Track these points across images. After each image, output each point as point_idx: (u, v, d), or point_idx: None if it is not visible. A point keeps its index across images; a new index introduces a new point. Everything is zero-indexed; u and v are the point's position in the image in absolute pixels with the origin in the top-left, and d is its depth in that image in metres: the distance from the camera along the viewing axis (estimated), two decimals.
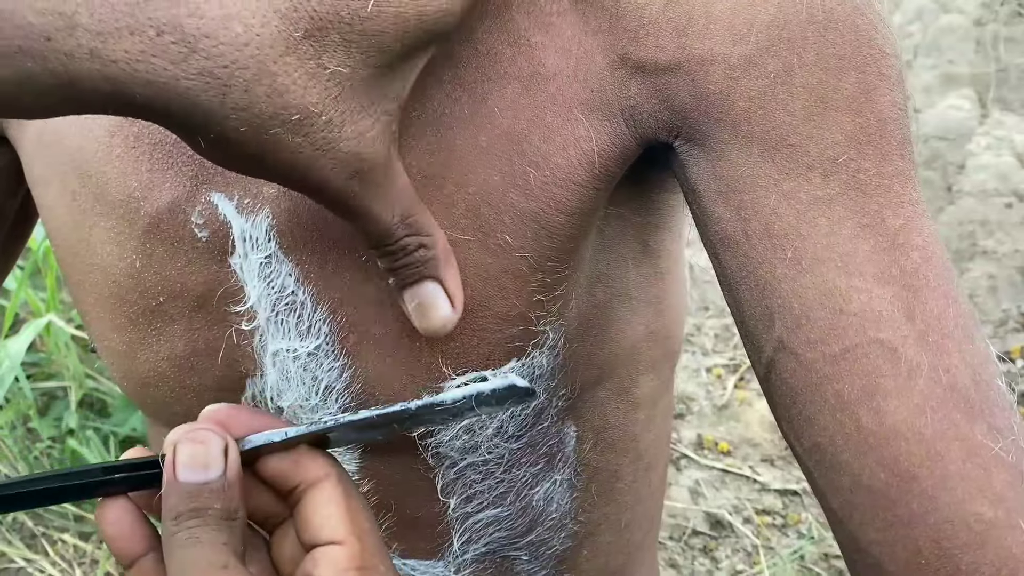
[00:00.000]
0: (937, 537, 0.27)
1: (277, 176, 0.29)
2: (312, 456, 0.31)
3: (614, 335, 0.40)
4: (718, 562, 1.52)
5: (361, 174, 0.29)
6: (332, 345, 0.37)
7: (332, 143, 0.27)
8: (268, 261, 0.36)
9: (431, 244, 0.32)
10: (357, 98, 0.28)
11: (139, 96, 0.25)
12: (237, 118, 0.26)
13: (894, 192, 0.30)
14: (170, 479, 0.29)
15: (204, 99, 0.25)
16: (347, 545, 0.30)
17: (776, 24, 0.30)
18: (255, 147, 0.27)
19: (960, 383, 0.28)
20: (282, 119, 0.26)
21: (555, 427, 0.40)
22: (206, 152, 0.28)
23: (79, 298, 0.43)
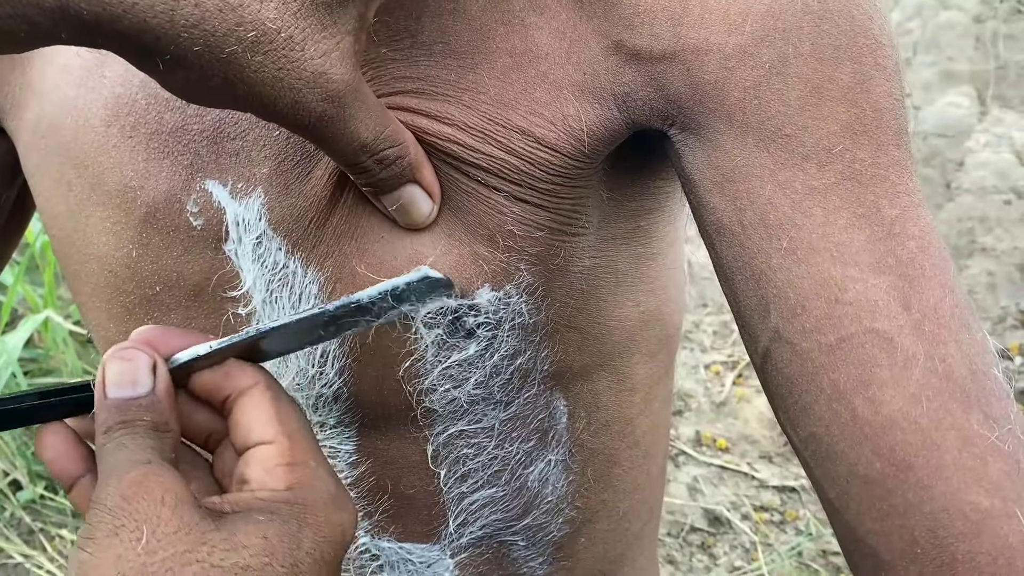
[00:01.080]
0: (933, 526, 0.27)
1: (247, 103, 0.28)
2: (241, 367, 0.32)
3: (605, 313, 0.40)
4: (716, 558, 1.52)
5: (333, 96, 0.29)
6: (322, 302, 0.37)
7: (296, 63, 0.27)
8: (259, 241, 0.37)
9: (406, 151, 0.32)
10: (318, 15, 0.27)
11: (86, 12, 0.24)
12: (189, 36, 0.25)
13: (890, 182, 0.30)
14: (100, 397, 0.30)
15: (152, 15, 0.25)
16: (276, 443, 0.30)
17: (771, 14, 0.30)
18: (214, 69, 0.26)
19: (956, 372, 0.28)
20: (238, 36, 0.26)
21: (543, 397, 0.40)
22: (169, 81, 0.28)
23: (76, 288, 0.43)
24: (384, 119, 0.31)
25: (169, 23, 0.25)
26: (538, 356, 0.39)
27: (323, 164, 0.35)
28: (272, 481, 0.29)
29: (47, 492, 1.52)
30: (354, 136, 0.30)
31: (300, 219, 0.36)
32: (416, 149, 0.33)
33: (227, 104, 0.29)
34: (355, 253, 0.36)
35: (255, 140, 0.36)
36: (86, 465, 0.31)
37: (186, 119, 0.36)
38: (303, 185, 0.36)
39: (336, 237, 0.36)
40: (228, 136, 0.36)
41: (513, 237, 0.35)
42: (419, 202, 0.34)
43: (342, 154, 0.31)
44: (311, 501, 0.29)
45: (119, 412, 0.29)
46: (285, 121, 0.29)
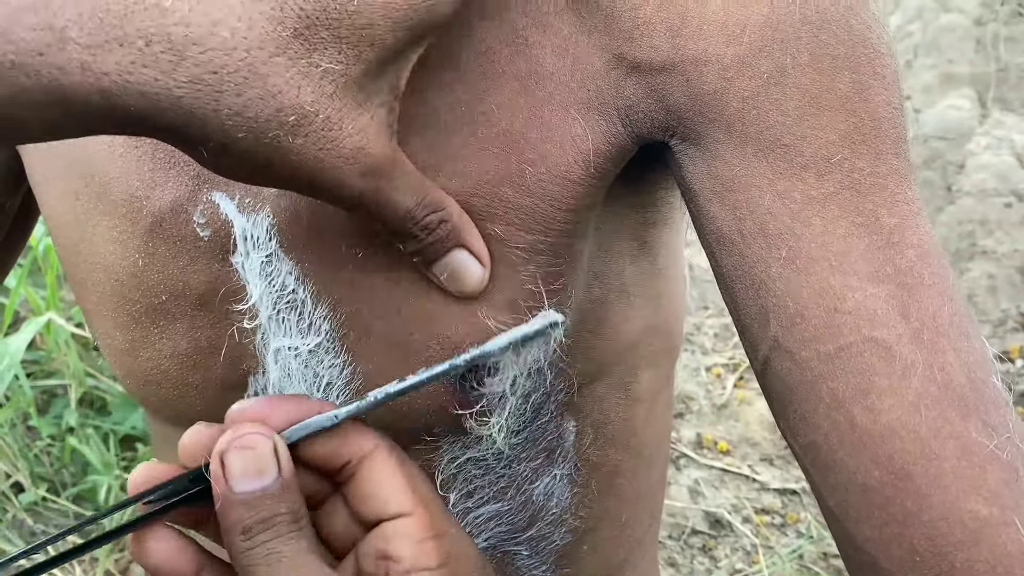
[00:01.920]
0: (932, 535, 0.27)
1: (291, 183, 0.29)
2: (358, 431, 0.30)
3: (612, 330, 0.40)
4: (717, 561, 1.52)
5: (372, 170, 0.29)
6: (332, 343, 0.37)
7: (334, 141, 0.28)
8: (269, 260, 0.36)
9: (449, 215, 0.32)
10: (353, 94, 0.28)
11: (133, 108, 0.25)
12: (233, 124, 0.26)
13: (889, 191, 0.30)
14: (225, 493, 0.28)
15: (198, 106, 0.25)
16: (416, 515, 0.29)
17: (769, 24, 0.30)
18: (258, 153, 0.27)
19: (955, 381, 0.28)
20: (279, 121, 0.26)
21: (554, 422, 0.40)
22: (213, 164, 0.28)
23: (81, 296, 0.43)
24: (424, 186, 0.32)
25: (214, 113, 0.26)
26: (554, 389, 0.39)
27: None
28: (425, 558, 0.28)
29: (49, 494, 1.53)
30: (397, 206, 0.31)
31: (313, 253, 0.36)
32: (460, 214, 0.33)
33: (267, 182, 0.29)
34: (372, 315, 0.36)
35: None
36: (198, 563, 0.29)
37: None
38: (316, 219, 0.36)
39: (352, 289, 0.36)
40: None
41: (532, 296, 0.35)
42: (469, 267, 0.33)
43: (385, 223, 0.31)
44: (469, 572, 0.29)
45: (252, 508, 0.27)
46: (327, 197, 0.30)
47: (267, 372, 0.39)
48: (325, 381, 0.38)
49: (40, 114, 0.25)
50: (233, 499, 0.28)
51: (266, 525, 0.27)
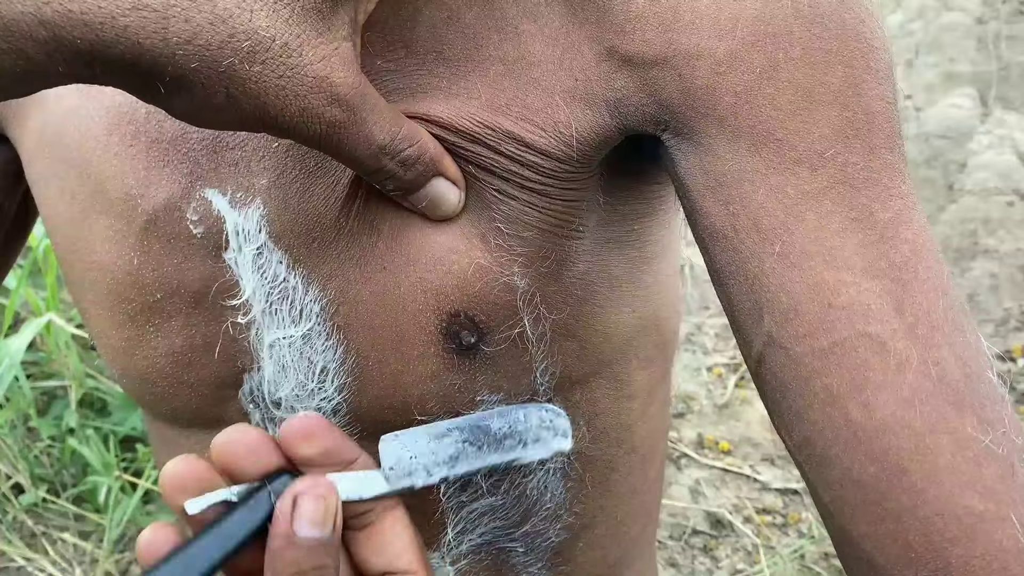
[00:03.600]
0: (927, 531, 0.27)
1: (257, 120, 0.28)
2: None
3: (603, 324, 0.40)
4: (718, 561, 1.52)
5: (340, 99, 0.28)
6: (323, 324, 0.37)
7: (295, 68, 0.27)
8: (260, 252, 0.37)
9: (425, 147, 0.32)
10: (310, 21, 0.27)
11: (80, 42, 0.24)
12: (184, 52, 0.25)
13: (883, 185, 0.30)
14: (287, 533, 0.29)
15: (144, 35, 0.25)
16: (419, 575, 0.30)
17: (761, 19, 0.30)
18: (216, 86, 0.26)
19: (950, 376, 0.28)
20: (232, 47, 0.26)
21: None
22: (174, 105, 0.28)
23: (78, 296, 0.43)
24: (397, 119, 0.31)
25: (163, 42, 0.25)
26: (538, 369, 0.39)
27: (323, 183, 0.35)
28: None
29: (49, 495, 1.53)
30: (369, 140, 0.30)
31: (302, 236, 0.36)
32: (434, 143, 0.33)
33: (236, 124, 0.29)
34: (360, 280, 0.36)
35: (254, 151, 0.36)
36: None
37: (186, 128, 0.36)
38: (304, 203, 0.36)
39: (340, 261, 0.36)
40: (227, 146, 0.36)
41: (502, 235, 0.35)
42: (447, 193, 0.34)
43: (360, 160, 0.31)
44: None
45: (311, 556, 0.29)
46: (297, 134, 0.29)
47: (262, 368, 0.39)
48: (319, 367, 0.38)
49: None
50: (298, 542, 0.29)
51: (319, 573, 0.29)
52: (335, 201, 0.35)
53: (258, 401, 0.40)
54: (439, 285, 0.35)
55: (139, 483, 1.46)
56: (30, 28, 0.24)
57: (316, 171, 0.35)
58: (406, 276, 0.35)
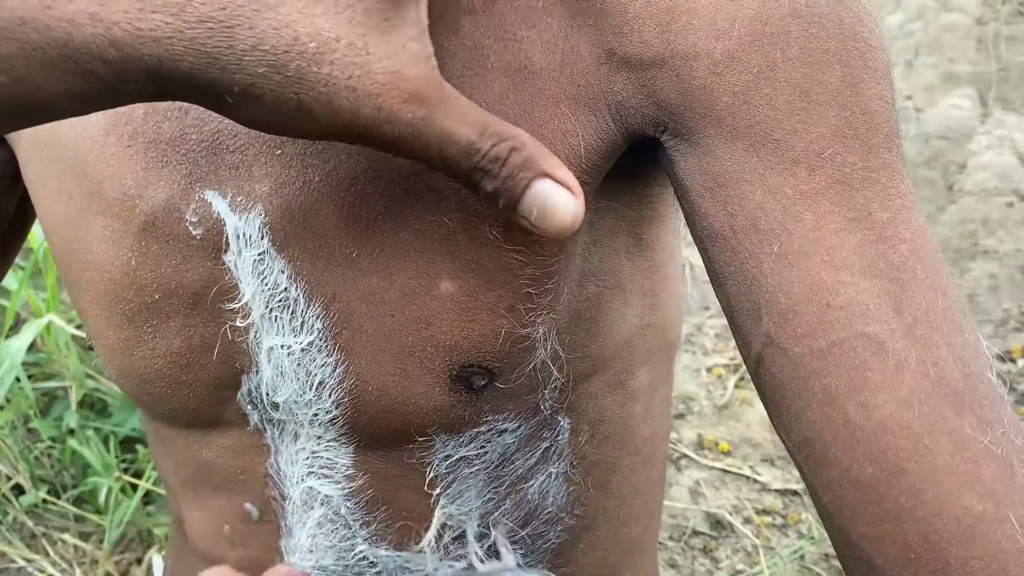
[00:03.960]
0: (926, 531, 0.27)
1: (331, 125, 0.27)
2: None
3: (607, 328, 0.40)
4: (718, 562, 1.52)
5: (415, 95, 0.27)
6: (325, 341, 0.37)
7: (364, 67, 0.26)
8: (261, 258, 0.36)
9: (520, 143, 0.28)
10: (375, 21, 0.26)
11: (148, 59, 0.25)
12: (252, 59, 0.25)
13: (881, 185, 0.30)
14: None
15: (212, 45, 0.25)
16: None
17: (758, 19, 0.30)
18: (285, 91, 0.26)
19: (949, 376, 0.28)
20: (298, 50, 0.25)
21: (548, 420, 0.40)
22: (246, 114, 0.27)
23: (76, 296, 0.43)
24: (484, 117, 0.28)
25: (229, 50, 0.25)
26: (547, 387, 0.39)
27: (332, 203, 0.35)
28: None
29: (49, 496, 1.53)
30: (453, 138, 0.27)
31: (307, 251, 0.36)
32: (533, 141, 0.29)
33: (312, 133, 0.28)
34: (365, 315, 0.36)
35: (255, 156, 0.36)
36: None
37: (184, 129, 0.36)
38: (310, 219, 0.35)
39: (345, 289, 0.36)
40: (227, 149, 0.36)
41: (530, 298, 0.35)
42: (558, 197, 0.28)
43: (450, 161, 0.28)
44: None
45: None
46: (376, 139, 0.27)
47: (260, 371, 0.39)
48: (318, 380, 0.38)
49: (58, 76, 0.25)
50: None
51: None
52: (344, 228, 0.35)
53: (256, 403, 0.40)
54: (453, 343, 0.35)
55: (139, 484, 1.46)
56: (100, 50, 0.24)
57: (321, 186, 0.35)
58: (416, 330, 0.35)
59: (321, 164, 0.35)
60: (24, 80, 0.24)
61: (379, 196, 0.34)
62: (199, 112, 0.36)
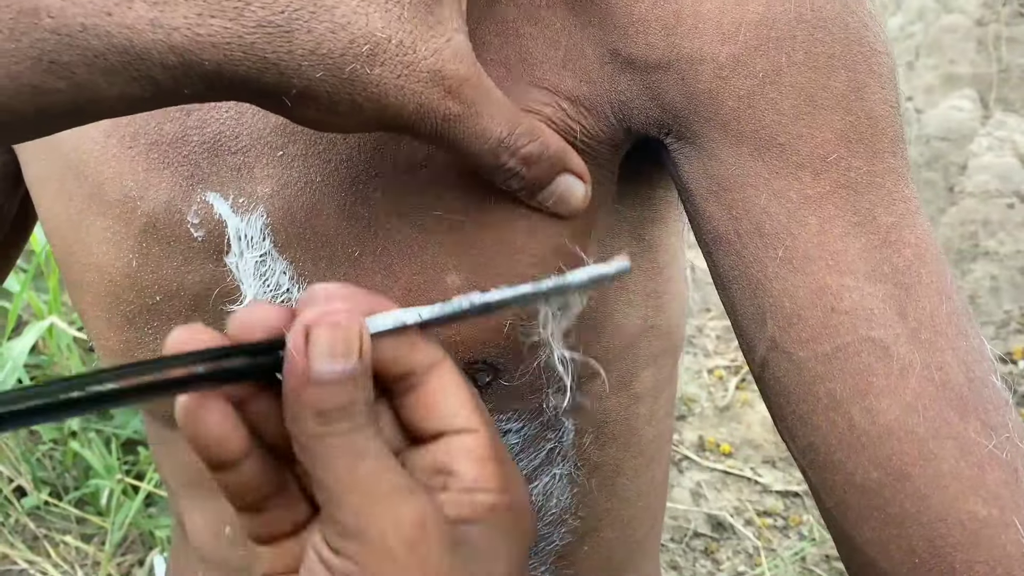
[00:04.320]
0: (931, 536, 0.27)
1: (378, 121, 0.28)
2: (425, 339, 0.27)
3: (612, 329, 0.40)
4: (719, 564, 1.52)
5: (454, 92, 0.28)
6: None
7: (411, 66, 0.27)
8: (263, 260, 0.36)
9: (547, 144, 0.31)
10: (422, 17, 0.27)
11: (208, 63, 0.25)
12: (309, 63, 0.26)
13: (886, 190, 0.30)
14: (302, 369, 0.24)
15: (271, 50, 0.25)
16: (481, 434, 0.26)
17: (764, 23, 0.30)
18: (340, 93, 0.26)
19: (953, 380, 0.28)
20: (354, 53, 0.26)
21: (553, 421, 0.40)
22: (300, 116, 0.28)
23: (77, 298, 0.43)
24: (516, 114, 0.30)
25: (288, 55, 0.25)
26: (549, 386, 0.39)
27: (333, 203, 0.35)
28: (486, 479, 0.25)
29: (51, 498, 1.53)
30: (487, 133, 0.29)
31: (309, 252, 0.36)
32: (556, 139, 0.32)
33: (358, 127, 0.29)
34: None
35: (256, 158, 0.36)
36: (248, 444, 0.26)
37: (186, 130, 0.36)
38: (312, 219, 0.35)
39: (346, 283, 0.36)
40: (229, 150, 0.36)
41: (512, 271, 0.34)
42: (573, 188, 0.33)
43: (479, 156, 0.30)
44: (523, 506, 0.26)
45: (333, 391, 0.24)
46: (415, 130, 0.29)
47: None
48: None
49: (118, 82, 0.25)
50: (311, 378, 0.24)
51: (345, 413, 0.24)
52: (346, 227, 0.35)
53: None
54: (459, 339, 0.35)
55: (141, 486, 1.46)
56: (161, 56, 0.25)
57: (322, 186, 0.35)
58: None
59: (322, 165, 0.35)
60: (84, 86, 0.25)
61: (380, 195, 0.34)
62: (201, 114, 0.36)
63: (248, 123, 0.36)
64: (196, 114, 0.36)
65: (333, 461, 0.24)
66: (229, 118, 0.36)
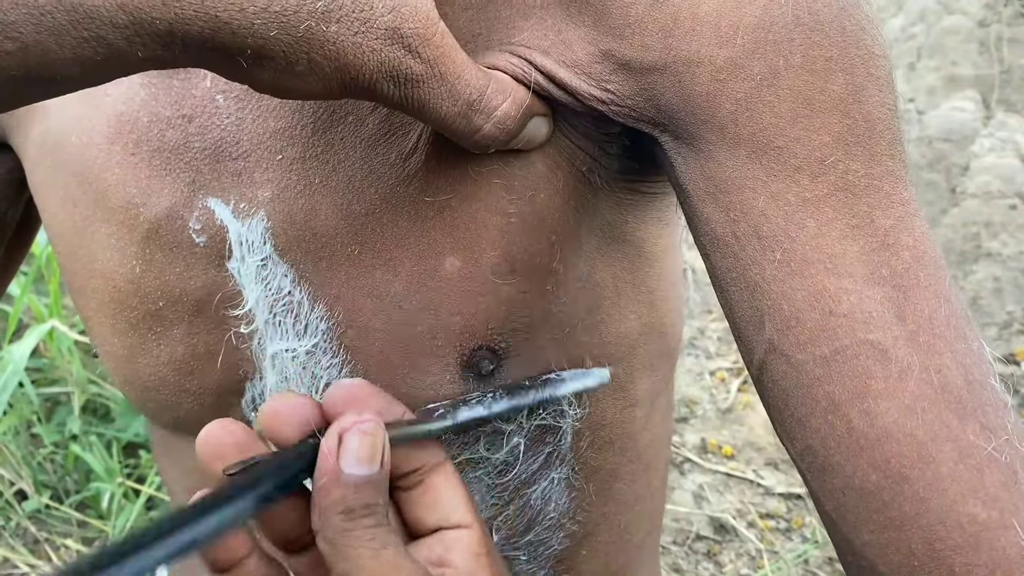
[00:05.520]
0: (930, 539, 0.27)
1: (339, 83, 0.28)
2: (430, 442, 0.31)
3: (606, 331, 0.40)
4: (722, 566, 1.51)
5: (414, 51, 0.28)
6: (330, 342, 0.37)
7: (369, 22, 0.27)
8: (265, 264, 0.37)
9: (519, 96, 0.32)
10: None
11: (159, 21, 0.25)
12: (263, 22, 0.25)
13: (884, 192, 0.30)
14: (334, 470, 0.28)
15: (222, 8, 0.25)
16: (474, 530, 0.30)
17: (762, 26, 0.30)
18: (296, 52, 0.26)
19: (952, 383, 0.28)
20: (308, 10, 0.26)
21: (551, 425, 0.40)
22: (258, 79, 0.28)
23: (81, 304, 0.43)
24: (483, 73, 0.30)
25: (240, 12, 0.25)
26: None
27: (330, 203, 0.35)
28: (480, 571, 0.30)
29: (52, 502, 1.53)
30: (455, 95, 0.29)
31: (309, 253, 0.36)
32: (522, 90, 0.32)
33: (322, 92, 0.29)
34: (371, 311, 0.36)
35: (256, 162, 0.36)
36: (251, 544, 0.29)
37: (188, 137, 0.37)
38: (311, 220, 0.36)
39: (350, 287, 0.36)
40: (229, 156, 0.36)
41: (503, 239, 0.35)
42: (540, 127, 0.34)
43: (449, 120, 0.30)
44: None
45: (358, 494, 0.28)
46: (379, 94, 0.29)
47: (264, 377, 0.39)
48: (323, 382, 0.38)
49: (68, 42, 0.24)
50: (344, 480, 0.28)
51: (368, 511, 0.28)
52: (344, 226, 0.35)
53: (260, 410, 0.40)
54: (462, 325, 0.35)
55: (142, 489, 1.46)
56: (110, 14, 0.24)
57: (321, 188, 0.35)
58: (425, 319, 0.35)
59: (320, 166, 0.35)
60: (32, 47, 0.24)
61: (374, 190, 0.35)
62: (202, 120, 0.36)
63: (248, 128, 0.36)
64: (198, 120, 0.36)
65: (358, 552, 0.27)
66: (230, 124, 0.36)
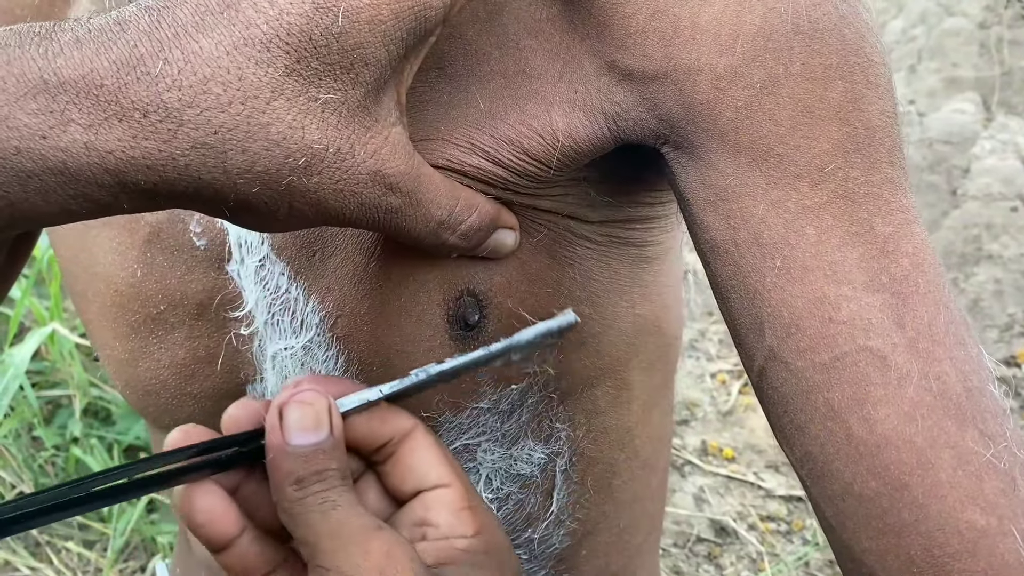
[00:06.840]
0: (928, 545, 0.27)
1: (320, 221, 0.29)
2: (395, 411, 0.32)
3: (604, 330, 0.40)
4: (723, 569, 1.51)
5: (394, 187, 0.29)
6: (323, 335, 0.37)
7: (349, 171, 0.27)
8: (262, 264, 0.37)
9: (485, 214, 0.33)
10: (360, 119, 0.27)
11: (144, 183, 0.25)
12: (245, 181, 0.26)
13: (883, 199, 0.30)
14: (279, 444, 0.29)
15: (205, 171, 0.25)
16: (454, 487, 0.30)
17: (762, 34, 0.30)
18: (278, 203, 0.27)
19: (951, 390, 0.28)
20: (290, 167, 0.26)
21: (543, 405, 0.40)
22: (240, 222, 0.29)
23: (82, 308, 0.43)
24: (453, 192, 0.32)
25: (224, 175, 0.26)
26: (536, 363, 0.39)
27: None
28: (461, 526, 0.30)
29: None
30: (428, 218, 0.31)
31: (303, 249, 0.37)
32: (491, 204, 0.34)
33: (301, 227, 0.30)
34: (356, 296, 0.36)
35: None
36: (242, 523, 0.30)
37: None
38: None
39: (336, 277, 0.36)
40: None
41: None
42: (506, 239, 0.35)
43: (421, 238, 0.32)
44: (499, 546, 0.31)
45: (307, 462, 0.28)
46: (359, 224, 0.30)
47: (264, 379, 0.39)
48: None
49: (54, 200, 0.25)
50: (289, 452, 0.28)
51: (319, 477, 0.28)
52: None
53: None
54: (443, 275, 0.36)
55: None
56: (95, 176, 0.25)
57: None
58: (404, 287, 0.36)
59: None
60: (19, 204, 0.25)
61: None
62: None
63: None
64: None
65: (309, 516, 0.28)
66: None
